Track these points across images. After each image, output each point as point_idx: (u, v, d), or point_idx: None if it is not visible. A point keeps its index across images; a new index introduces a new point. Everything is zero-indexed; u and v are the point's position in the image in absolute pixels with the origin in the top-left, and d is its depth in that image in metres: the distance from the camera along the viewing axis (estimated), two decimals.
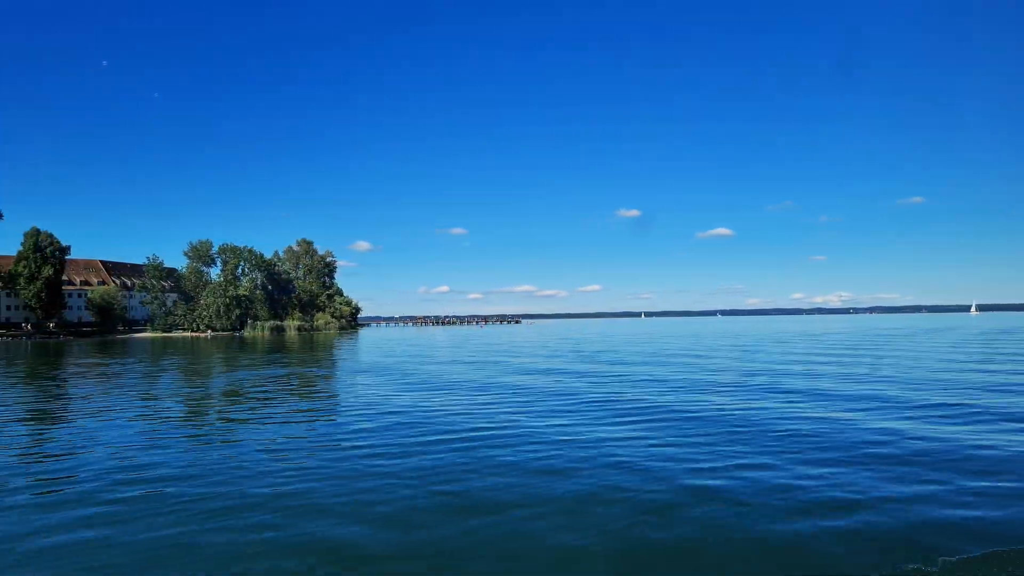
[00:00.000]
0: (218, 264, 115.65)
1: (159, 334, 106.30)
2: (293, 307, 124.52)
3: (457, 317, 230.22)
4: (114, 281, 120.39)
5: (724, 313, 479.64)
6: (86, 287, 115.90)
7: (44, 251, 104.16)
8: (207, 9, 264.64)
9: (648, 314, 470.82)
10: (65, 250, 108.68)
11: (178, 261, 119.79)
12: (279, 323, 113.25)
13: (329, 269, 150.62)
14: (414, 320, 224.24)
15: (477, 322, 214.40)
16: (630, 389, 20.61)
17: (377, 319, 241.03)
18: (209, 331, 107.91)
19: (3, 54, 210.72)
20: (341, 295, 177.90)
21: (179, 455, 11.51)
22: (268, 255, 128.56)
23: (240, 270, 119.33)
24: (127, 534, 7.29)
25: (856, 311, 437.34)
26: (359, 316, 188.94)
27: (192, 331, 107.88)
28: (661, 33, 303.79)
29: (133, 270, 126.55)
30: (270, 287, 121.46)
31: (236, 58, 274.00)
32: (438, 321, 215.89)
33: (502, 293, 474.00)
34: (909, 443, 11.63)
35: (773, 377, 24.09)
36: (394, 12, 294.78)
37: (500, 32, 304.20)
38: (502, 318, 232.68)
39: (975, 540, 6.88)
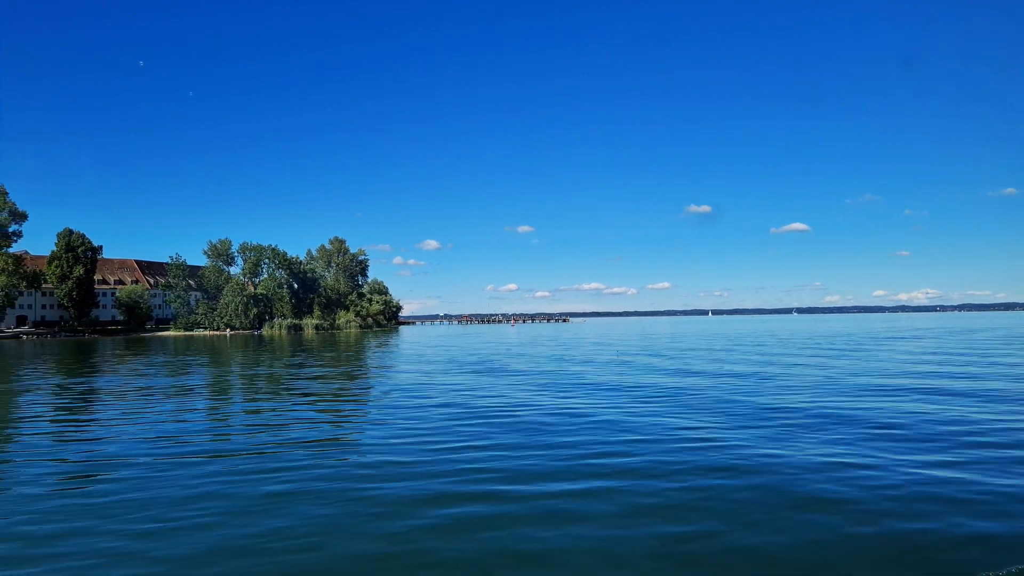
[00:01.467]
0: (239, 263, 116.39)
1: (182, 332, 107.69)
2: (320, 305, 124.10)
3: (502, 315, 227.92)
4: (148, 280, 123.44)
5: (800, 311, 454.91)
6: (120, 286, 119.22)
7: (76, 251, 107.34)
8: (251, 7, 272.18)
9: (716, 312, 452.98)
10: (97, 250, 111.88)
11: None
12: (297, 322, 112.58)
13: (361, 267, 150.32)
14: (459, 319, 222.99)
15: (511, 320, 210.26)
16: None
17: (421, 318, 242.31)
18: (228, 330, 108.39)
19: (40, 56, 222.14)
20: (382, 293, 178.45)
21: None
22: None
23: (264, 268, 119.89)
24: None
25: (944, 309, 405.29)
26: (400, 314, 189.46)
27: (212, 330, 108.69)
28: (728, 28, 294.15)
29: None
30: (295, 285, 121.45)
31: (291, 59, 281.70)
32: (482, 319, 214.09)
33: (570, 291, 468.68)
34: None
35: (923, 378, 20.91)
36: (454, 8, 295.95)
37: (564, 27, 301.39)
38: (549, 316, 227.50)
39: None
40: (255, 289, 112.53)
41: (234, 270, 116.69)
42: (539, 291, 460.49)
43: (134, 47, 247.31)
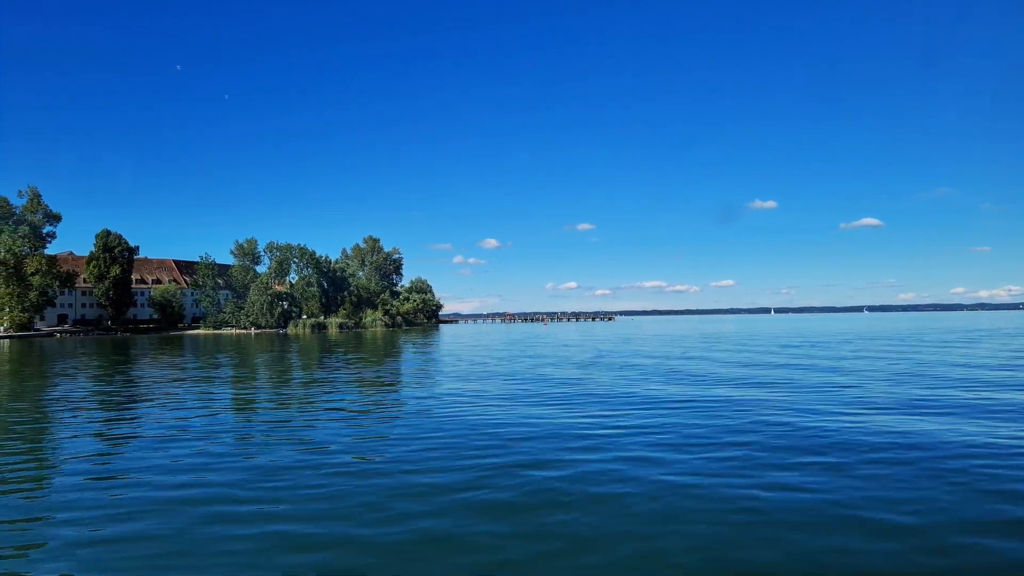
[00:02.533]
0: (265, 262, 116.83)
1: (211, 331, 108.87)
2: (350, 304, 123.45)
3: (547, 314, 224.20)
4: (184, 280, 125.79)
5: (872, 309, 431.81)
6: (158, 285, 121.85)
7: (113, 251, 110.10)
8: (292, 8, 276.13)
9: (779, 310, 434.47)
10: (133, 250, 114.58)
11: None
12: (321, 320, 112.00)
13: (395, 266, 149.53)
14: (503, 317, 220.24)
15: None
16: None
17: (464, 316, 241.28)
18: (254, 328, 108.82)
19: (77, 56, 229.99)
20: (421, 291, 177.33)
21: None
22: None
23: (293, 267, 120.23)
24: None
25: None
26: (441, 312, 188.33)
27: (240, 328, 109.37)
28: (792, 21, 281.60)
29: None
30: (324, 284, 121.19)
31: (341, 56, 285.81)
32: (526, 318, 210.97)
33: (631, 289, 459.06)
34: None
35: None
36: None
37: (624, 24, 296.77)
38: (595, 315, 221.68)
39: None
40: (279, 288, 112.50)
41: (261, 269, 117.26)
42: (599, 289, 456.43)
43: (169, 47, 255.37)
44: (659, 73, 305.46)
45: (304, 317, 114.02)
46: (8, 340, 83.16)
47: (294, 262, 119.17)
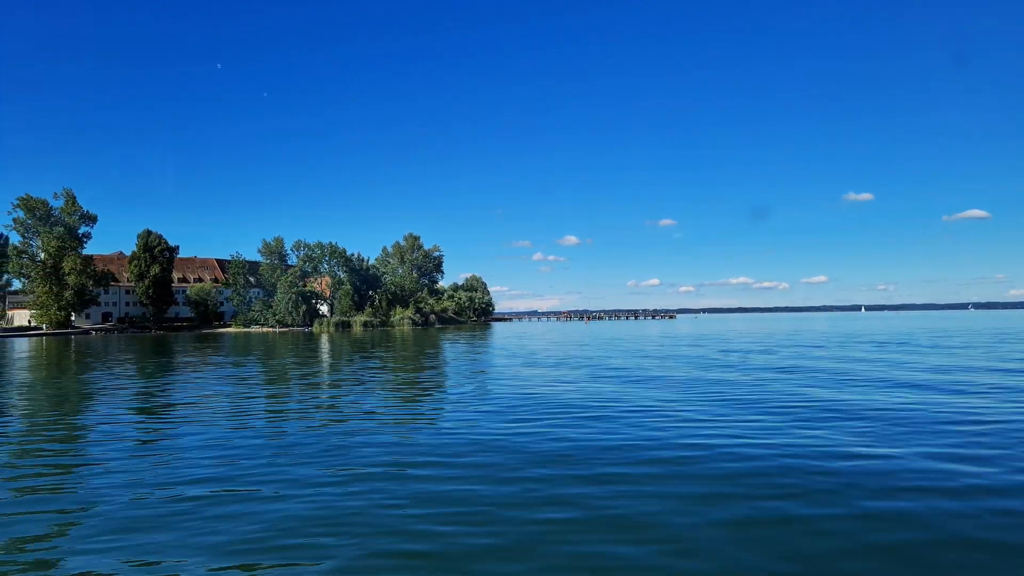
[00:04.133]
0: (293, 260, 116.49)
1: (241, 329, 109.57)
2: (384, 302, 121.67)
3: (604, 312, 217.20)
4: (226, 279, 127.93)
5: (978, 306, 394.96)
6: (195, 284, 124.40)
7: (153, 251, 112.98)
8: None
9: (870, 308, 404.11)
10: (174, 250, 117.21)
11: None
12: (345, 319, 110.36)
13: (435, 263, 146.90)
14: (559, 316, 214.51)
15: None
16: None
17: (518, 314, 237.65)
18: (278, 327, 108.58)
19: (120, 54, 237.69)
20: (471, 289, 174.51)
21: None
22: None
23: (324, 265, 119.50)
24: None
25: None
26: (506, 310, 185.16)
27: (268, 327, 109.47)
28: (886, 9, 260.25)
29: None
30: (357, 282, 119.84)
31: (404, 50, 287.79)
32: (583, 316, 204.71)
33: (716, 285, 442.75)
34: None
35: None
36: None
37: (712, 16, 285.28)
38: (655, 312, 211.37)
39: None
40: (316, 287, 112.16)
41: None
42: (682, 286, 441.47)
43: (211, 46, 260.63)
44: (746, 65, 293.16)
45: (331, 315, 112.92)
46: (47, 337, 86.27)
47: (324, 260, 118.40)
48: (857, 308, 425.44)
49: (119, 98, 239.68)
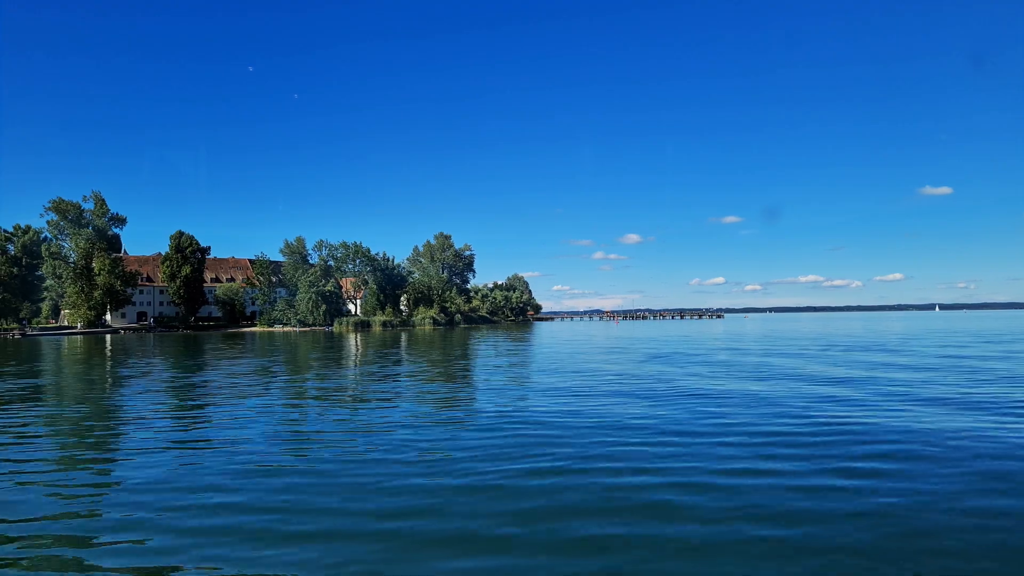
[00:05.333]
0: (314, 259, 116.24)
1: (265, 328, 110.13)
2: (410, 301, 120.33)
3: (648, 311, 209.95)
4: (253, 279, 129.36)
5: None
6: (226, 283, 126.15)
7: (184, 252, 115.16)
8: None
9: (948, 307, 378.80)
10: (205, 250, 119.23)
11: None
12: (364, 319, 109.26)
13: (466, 263, 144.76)
14: (601, 315, 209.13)
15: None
16: None
17: (560, 314, 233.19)
18: (299, 326, 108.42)
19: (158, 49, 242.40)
20: (509, 289, 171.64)
21: None
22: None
23: (350, 266, 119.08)
24: None
25: None
26: (553, 310, 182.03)
27: (291, 326, 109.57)
28: None
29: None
30: (382, 282, 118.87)
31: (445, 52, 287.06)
32: (627, 316, 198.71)
33: (783, 284, 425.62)
34: None
35: None
36: None
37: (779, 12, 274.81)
38: (699, 312, 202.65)
39: None
40: (326, 285, 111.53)
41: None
42: (748, 284, 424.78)
43: (244, 47, 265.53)
44: (811, 57, 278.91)
45: (352, 315, 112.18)
46: (79, 336, 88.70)
47: (349, 260, 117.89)
48: (931, 307, 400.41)
49: (156, 98, 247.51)
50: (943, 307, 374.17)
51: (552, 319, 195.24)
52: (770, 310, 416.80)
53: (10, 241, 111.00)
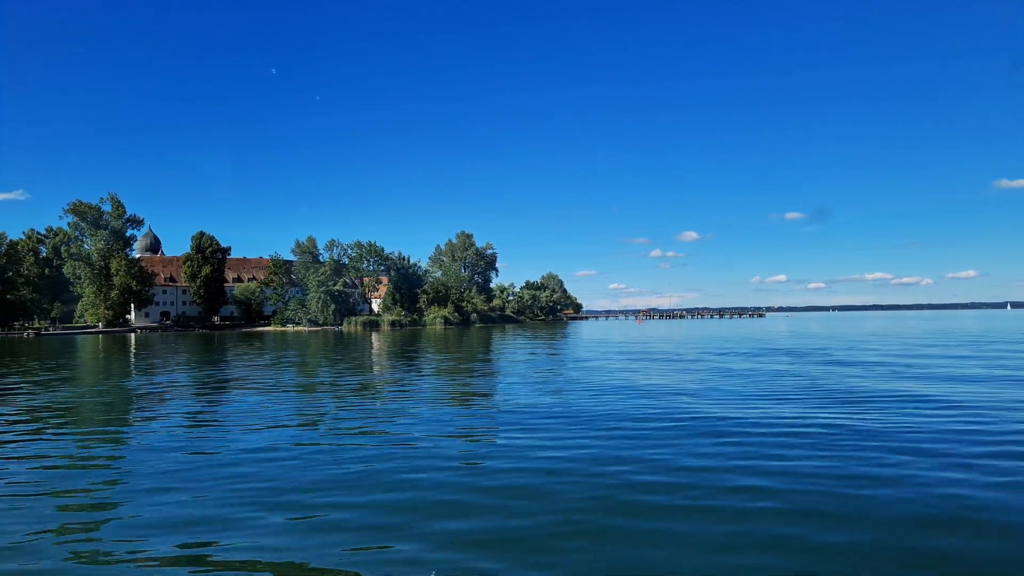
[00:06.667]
0: (325, 259, 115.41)
1: (278, 328, 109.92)
2: (427, 300, 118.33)
3: (686, 310, 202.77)
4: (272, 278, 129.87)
5: None
6: (244, 283, 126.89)
7: (204, 252, 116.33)
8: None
9: (1015, 304, 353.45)
10: (225, 251, 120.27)
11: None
12: (375, 318, 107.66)
13: (488, 261, 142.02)
14: (635, 314, 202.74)
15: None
16: None
17: (596, 313, 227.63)
18: (308, 325, 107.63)
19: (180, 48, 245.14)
20: (539, 288, 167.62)
21: None
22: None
23: (366, 264, 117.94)
24: None
25: None
26: (591, 308, 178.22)
27: (303, 325, 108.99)
28: None
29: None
30: (398, 280, 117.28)
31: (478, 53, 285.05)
32: (663, 315, 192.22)
33: (848, 281, 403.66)
34: None
35: None
36: None
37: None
38: (742, 311, 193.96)
39: None
40: (336, 284, 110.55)
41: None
42: (812, 282, 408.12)
43: (266, 51, 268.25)
44: (878, 51, 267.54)
45: (372, 314, 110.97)
46: (98, 335, 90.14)
47: (365, 259, 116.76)
48: (1003, 305, 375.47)
49: (188, 101, 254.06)
50: (1015, 305, 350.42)
51: (586, 319, 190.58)
52: (834, 308, 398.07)
53: (42, 243, 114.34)
